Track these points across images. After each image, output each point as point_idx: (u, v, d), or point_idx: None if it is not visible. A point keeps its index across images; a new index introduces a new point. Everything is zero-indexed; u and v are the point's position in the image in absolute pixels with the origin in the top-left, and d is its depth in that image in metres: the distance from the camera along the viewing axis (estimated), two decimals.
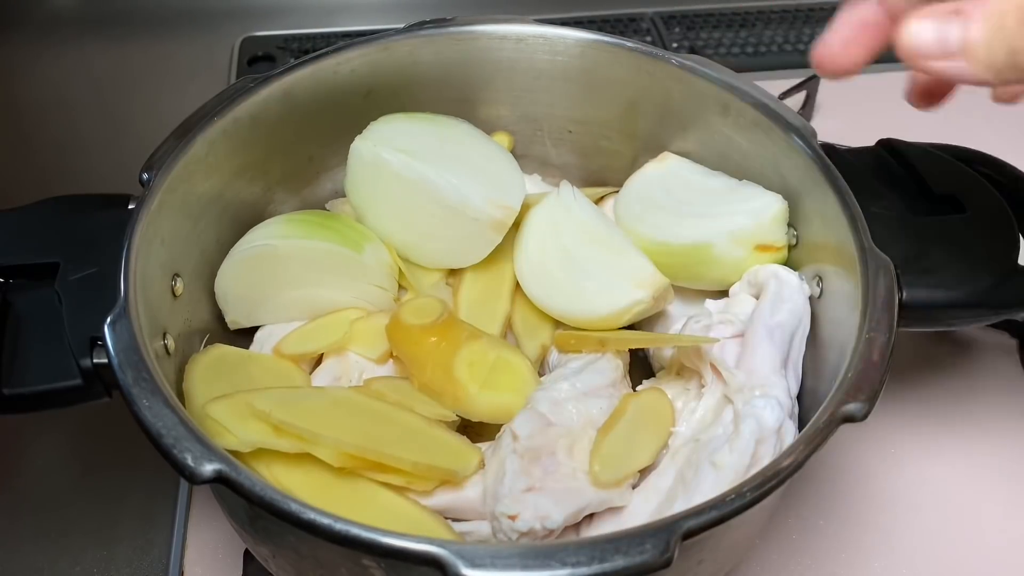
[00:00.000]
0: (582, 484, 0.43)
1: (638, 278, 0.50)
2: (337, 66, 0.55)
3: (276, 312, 0.53)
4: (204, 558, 0.53)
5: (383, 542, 0.33)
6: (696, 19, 0.97)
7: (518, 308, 0.54)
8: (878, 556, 0.54)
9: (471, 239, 0.52)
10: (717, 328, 0.48)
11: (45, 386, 0.41)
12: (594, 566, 0.32)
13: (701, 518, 0.34)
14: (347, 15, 0.97)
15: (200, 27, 0.96)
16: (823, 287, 0.48)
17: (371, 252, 0.52)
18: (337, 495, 0.42)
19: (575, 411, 0.46)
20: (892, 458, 0.58)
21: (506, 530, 0.41)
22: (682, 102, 0.56)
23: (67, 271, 0.44)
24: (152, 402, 0.37)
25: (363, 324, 0.52)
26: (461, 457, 0.44)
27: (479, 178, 0.52)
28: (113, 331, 0.40)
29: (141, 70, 0.91)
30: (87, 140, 0.84)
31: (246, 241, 0.51)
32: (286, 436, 0.42)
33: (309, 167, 0.59)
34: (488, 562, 0.32)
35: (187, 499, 0.56)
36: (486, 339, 0.49)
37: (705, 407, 0.47)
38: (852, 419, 0.38)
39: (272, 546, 0.42)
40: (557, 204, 0.53)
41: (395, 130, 0.53)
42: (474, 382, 0.47)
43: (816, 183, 0.48)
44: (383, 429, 0.44)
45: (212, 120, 0.50)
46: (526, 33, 0.57)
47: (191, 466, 0.35)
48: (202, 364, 0.47)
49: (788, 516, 0.55)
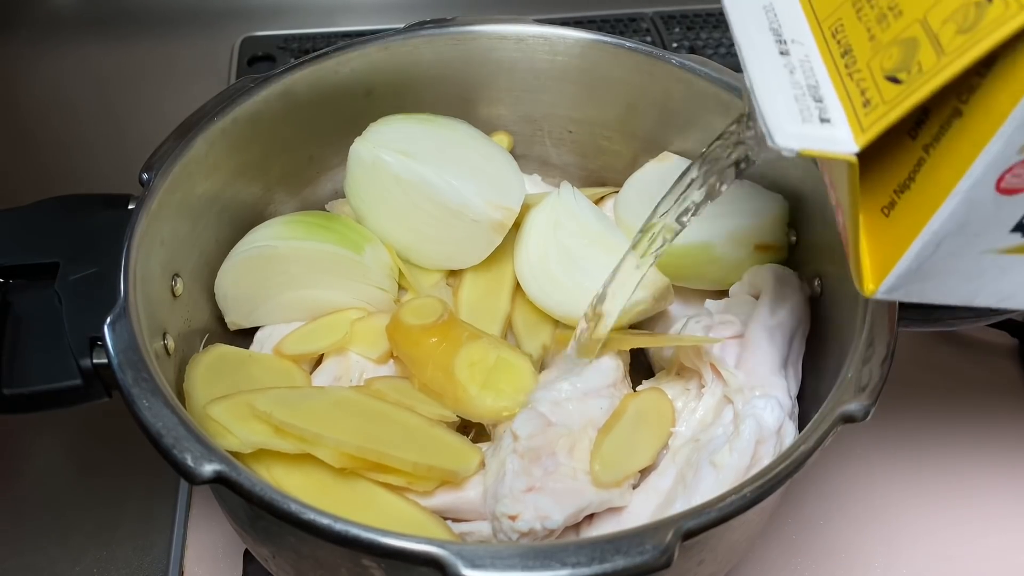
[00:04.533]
0: (582, 484, 0.43)
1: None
2: (337, 66, 0.55)
3: (276, 313, 0.53)
4: (204, 558, 0.53)
5: (383, 542, 0.33)
6: (696, 19, 0.97)
7: (518, 308, 0.54)
8: (878, 556, 0.54)
9: (471, 240, 0.52)
10: (717, 328, 0.48)
11: (45, 386, 0.41)
12: (594, 566, 0.32)
13: (701, 518, 0.34)
14: (347, 15, 0.97)
15: (200, 27, 0.95)
16: (823, 287, 0.48)
17: (371, 253, 0.52)
18: (337, 496, 0.42)
19: (575, 411, 0.46)
20: (892, 458, 0.58)
21: (506, 530, 0.41)
22: (682, 102, 0.56)
23: (67, 271, 0.44)
24: (152, 402, 0.37)
25: (363, 324, 0.52)
26: (461, 457, 0.44)
27: (479, 179, 0.52)
28: (113, 331, 0.40)
29: (142, 70, 0.91)
30: (88, 140, 0.84)
31: (246, 242, 0.51)
32: (287, 437, 0.42)
33: (309, 167, 0.59)
34: (488, 562, 0.32)
35: (187, 499, 0.56)
36: (486, 339, 0.49)
37: (705, 407, 0.47)
38: (852, 419, 0.38)
39: (272, 546, 0.42)
40: (557, 204, 0.53)
41: (395, 131, 0.53)
42: (474, 382, 0.47)
43: (816, 183, 0.48)
44: (384, 429, 0.44)
45: (212, 120, 0.50)
46: (526, 33, 0.57)
47: (191, 466, 0.35)
48: (202, 364, 0.47)
49: (788, 516, 0.55)
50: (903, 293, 0.33)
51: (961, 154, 0.29)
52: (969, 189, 0.29)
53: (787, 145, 0.30)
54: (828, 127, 0.31)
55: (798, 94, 0.32)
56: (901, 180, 0.32)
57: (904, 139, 0.31)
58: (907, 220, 0.31)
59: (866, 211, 0.33)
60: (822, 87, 0.32)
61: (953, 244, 0.31)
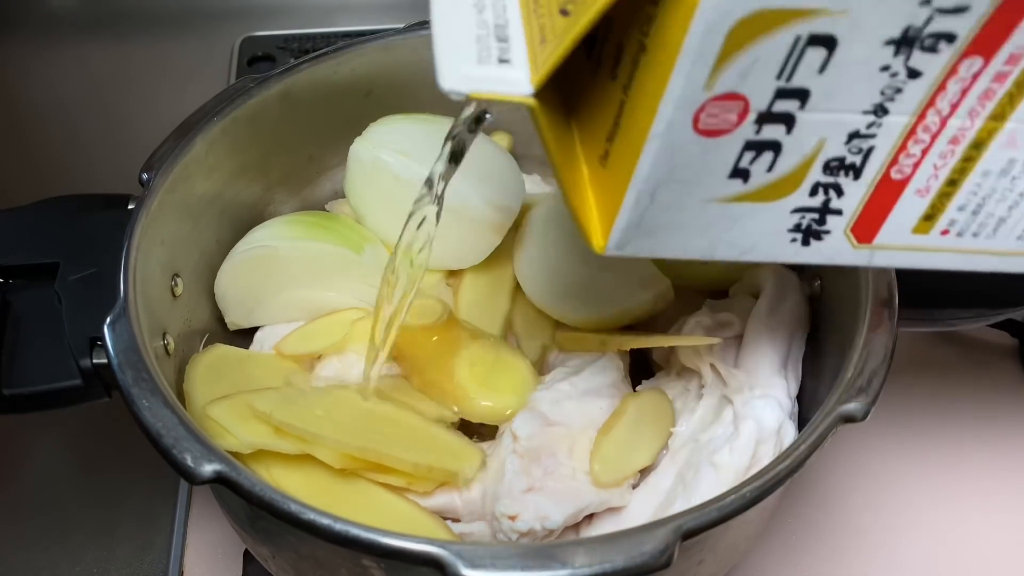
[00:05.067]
0: (582, 484, 0.43)
1: (639, 278, 0.50)
2: (337, 66, 0.55)
3: (276, 313, 0.53)
4: (204, 558, 0.53)
5: (383, 542, 0.33)
6: None
7: (518, 308, 0.54)
8: (878, 556, 0.54)
9: (471, 240, 0.52)
10: (717, 328, 0.48)
11: (45, 386, 0.41)
12: (594, 566, 0.32)
13: (701, 518, 0.34)
14: (347, 15, 0.97)
15: (200, 27, 0.95)
16: (823, 287, 0.48)
17: (371, 253, 0.52)
18: (337, 496, 0.42)
19: (575, 411, 0.46)
20: (892, 458, 0.58)
21: (506, 530, 0.41)
22: None
23: (67, 271, 0.44)
24: (152, 402, 0.37)
25: (364, 324, 0.51)
26: (461, 457, 0.44)
27: (479, 179, 0.52)
28: (113, 331, 0.40)
29: (141, 70, 0.91)
30: (87, 140, 0.84)
31: (246, 242, 0.51)
32: (286, 437, 0.42)
33: (309, 167, 0.59)
34: (488, 562, 0.32)
35: (187, 499, 0.56)
36: (486, 339, 0.49)
37: (705, 407, 0.47)
38: (852, 419, 0.38)
39: (272, 546, 0.42)
40: (557, 204, 0.53)
41: (394, 132, 0.53)
42: (474, 382, 0.47)
43: None
44: (384, 430, 0.44)
45: (212, 120, 0.50)
46: None
47: (191, 466, 0.35)
48: (202, 364, 0.47)
49: (788, 516, 0.55)
50: (633, 248, 0.31)
51: (650, 94, 0.27)
52: (664, 133, 0.27)
53: (454, 88, 0.27)
54: (507, 68, 0.28)
55: (482, 34, 0.29)
56: (609, 127, 0.29)
57: (607, 82, 0.29)
58: (619, 169, 0.29)
59: (588, 163, 0.31)
60: (511, 26, 0.29)
61: (669, 194, 0.29)
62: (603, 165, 0.30)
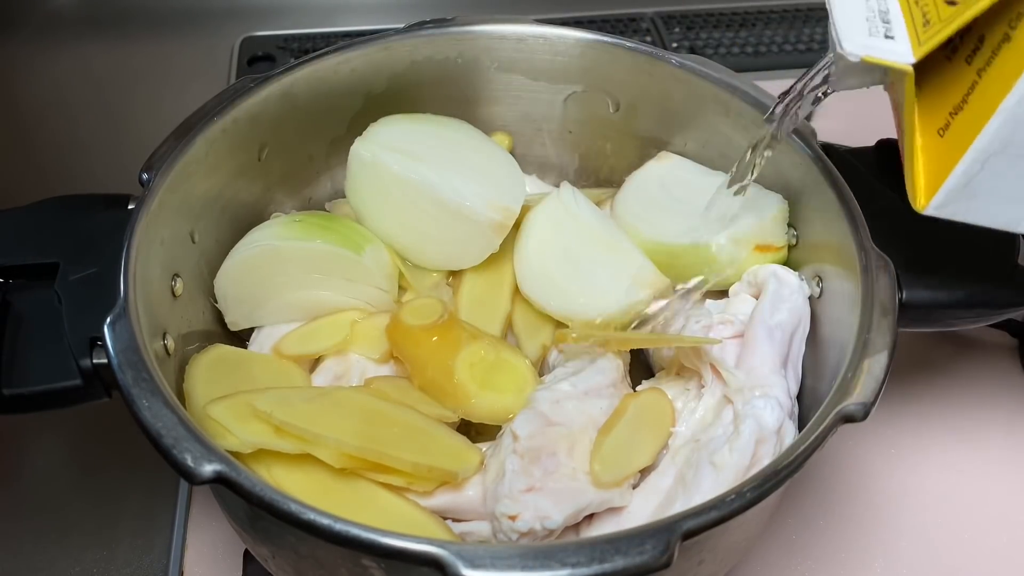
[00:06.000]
0: (582, 484, 0.43)
1: (639, 278, 0.50)
2: (337, 66, 0.55)
3: (276, 313, 0.53)
4: (204, 558, 0.53)
5: (383, 542, 0.33)
6: (696, 19, 0.97)
7: (518, 308, 0.54)
8: (878, 556, 0.54)
9: (471, 241, 0.52)
10: (717, 328, 0.48)
11: (45, 386, 0.41)
12: (594, 566, 0.32)
13: (701, 518, 0.34)
14: (347, 15, 0.97)
15: (200, 27, 0.96)
16: (823, 287, 0.48)
17: (371, 253, 0.52)
18: (337, 496, 0.42)
19: (575, 411, 0.46)
20: (892, 458, 0.58)
21: (506, 530, 0.41)
22: (682, 102, 0.56)
23: (67, 271, 0.44)
24: (152, 402, 0.37)
25: (364, 325, 0.52)
26: (461, 457, 0.44)
27: (479, 180, 0.52)
28: (113, 331, 0.40)
29: (141, 70, 0.91)
30: (87, 140, 0.84)
31: (246, 242, 0.51)
32: (287, 437, 0.42)
33: (309, 167, 0.59)
34: (488, 562, 0.32)
35: (187, 499, 0.56)
36: (486, 340, 0.49)
37: (705, 407, 0.47)
38: (852, 419, 0.38)
39: (272, 546, 0.42)
40: (557, 204, 0.53)
41: (395, 132, 0.53)
42: (474, 382, 0.47)
43: (816, 183, 0.48)
44: (384, 430, 0.44)
45: (212, 120, 0.50)
46: (526, 33, 0.57)
47: (191, 466, 0.35)
48: (202, 364, 0.47)
49: (788, 516, 0.55)
50: (951, 211, 0.36)
51: (1007, 75, 0.32)
52: (1014, 106, 0.32)
53: (854, 51, 0.36)
54: (891, 42, 0.36)
55: (869, 16, 0.37)
56: (956, 103, 0.35)
57: (961, 65, 0.35)
58: (958, 140, 0.34)
59: (924, 133, 0.36)
60: (891, 12, 0.37)
61: (998, 164, 0.34)
62: (941, 136, 0.36)
